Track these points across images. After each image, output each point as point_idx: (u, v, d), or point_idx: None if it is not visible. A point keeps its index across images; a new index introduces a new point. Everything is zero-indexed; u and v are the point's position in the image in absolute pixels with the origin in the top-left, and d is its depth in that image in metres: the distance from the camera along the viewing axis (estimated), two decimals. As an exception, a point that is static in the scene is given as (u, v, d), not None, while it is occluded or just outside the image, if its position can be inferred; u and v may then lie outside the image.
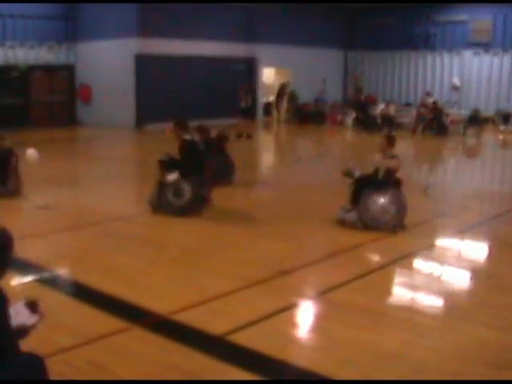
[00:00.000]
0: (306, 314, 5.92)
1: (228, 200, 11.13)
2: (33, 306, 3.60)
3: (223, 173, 11.67)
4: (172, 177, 9.28)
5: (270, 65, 28.31)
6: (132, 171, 15.40)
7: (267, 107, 28.79)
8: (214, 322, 5.36)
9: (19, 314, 3.47)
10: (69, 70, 25.90)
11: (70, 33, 25.57)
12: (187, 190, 9.28)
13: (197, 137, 10.36)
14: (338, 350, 4.91)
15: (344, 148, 21.72)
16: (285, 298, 6.04)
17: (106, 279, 6.59)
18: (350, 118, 25.88)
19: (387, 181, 8.63)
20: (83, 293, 6.27)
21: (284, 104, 28.35)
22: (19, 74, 24.27)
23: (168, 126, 10.46)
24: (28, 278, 6.61)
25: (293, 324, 5.56)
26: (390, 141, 8.84)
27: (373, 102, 27.18)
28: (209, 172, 9.70)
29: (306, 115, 27.37)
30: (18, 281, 6.36)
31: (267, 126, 27.49)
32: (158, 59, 23.43)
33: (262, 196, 11.99)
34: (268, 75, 28.95)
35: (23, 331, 3.44)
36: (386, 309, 5.95)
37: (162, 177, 9.38)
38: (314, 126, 26.28)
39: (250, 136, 20.76)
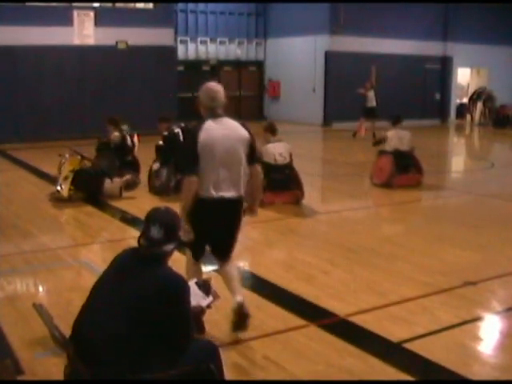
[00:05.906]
0: (490, 330, 5.58)
1: (415, 204, 10.88)
2: (205, 287, 3.70)
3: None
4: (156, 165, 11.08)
5: (465, 64, 27.11)
6: (320, 169, 15.51)
7: (460, 109, 27.66)
8: (392, 328, 5.25)
9: (194, 295, 3.57)
10: (258, 65, 26.73)
11: (260, 29, 26.38)
12: (164, 174, 10.91)
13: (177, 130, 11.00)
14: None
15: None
16: (469, 310, 5.75)
17: (285, 275, 6.70)
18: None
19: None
20: (262, 286, 6.40)
21: (479, 106, 27.05)
22: (210, 69, 25.46)
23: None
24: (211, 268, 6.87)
25: (475, 338, 5.27)
26: (268, 128, 10.98)
27: None
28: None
29: (503, 118, 25.85)
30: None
31: (459, 128, 26.39)
32: (348, 57, 23.31)
33: (450, 202, 11.52)
34: (462, 75, 27.77)
35: (199, 312, 3.54)
36: None
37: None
38: (512, 130, 24.73)
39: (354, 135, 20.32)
